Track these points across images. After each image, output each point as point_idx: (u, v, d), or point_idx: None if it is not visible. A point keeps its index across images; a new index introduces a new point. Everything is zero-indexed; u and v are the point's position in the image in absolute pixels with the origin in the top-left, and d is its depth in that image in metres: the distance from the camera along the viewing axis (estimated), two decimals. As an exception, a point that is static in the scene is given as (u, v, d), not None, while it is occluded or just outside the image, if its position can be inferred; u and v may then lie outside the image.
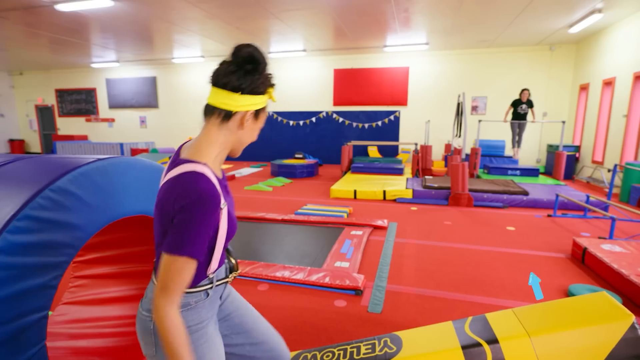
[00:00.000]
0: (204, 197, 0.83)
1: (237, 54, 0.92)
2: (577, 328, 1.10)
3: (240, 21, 6.98)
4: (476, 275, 2.92)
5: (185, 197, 0.82)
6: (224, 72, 0.92)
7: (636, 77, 6.17)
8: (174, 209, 0.83)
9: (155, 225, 0.92)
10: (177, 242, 0.82)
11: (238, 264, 1.08)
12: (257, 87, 0.93)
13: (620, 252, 2.95)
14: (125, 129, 12.92)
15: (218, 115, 0.93)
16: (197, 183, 0.84)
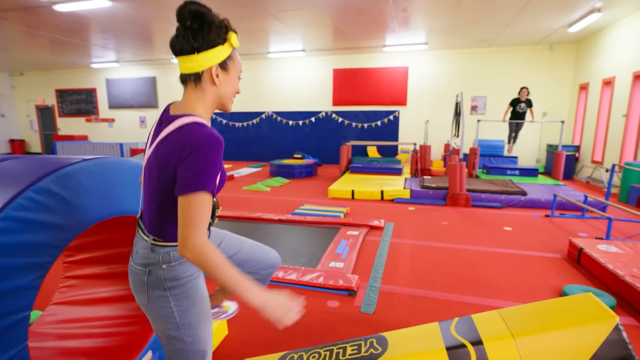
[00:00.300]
0: (213, 139, 0.89)
1: (179, 15, 0.91)
2: (561, 329, 1.09)
3: (239, 21, 6.98)
4: (471, 275, 2.91)
5: (195, 141, 0.88)
6: (176, 39, 0.93)
7: (635, 76, 6.14)
8: (182, 155, 0.88)
9: (149, 183, 0.97)
10: (195, 180, 0.86)
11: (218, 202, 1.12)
12: (211, 40, 0.93)
13: (616, 253, 2.94)
14: (125, 129, 12.95)
15: (190, 80, 0.97)
16: (203, 128, 0.90)
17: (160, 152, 0.93)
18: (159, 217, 0.98)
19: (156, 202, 0.97)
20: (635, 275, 2.50)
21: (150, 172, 0.97)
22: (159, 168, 0.93)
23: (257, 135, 11.36)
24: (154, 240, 0.99)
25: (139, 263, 1.00)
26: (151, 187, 0.97)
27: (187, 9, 0.90)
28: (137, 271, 1.00)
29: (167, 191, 0.93)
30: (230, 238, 1.30)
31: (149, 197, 0.99)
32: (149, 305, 1.00)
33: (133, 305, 1.78)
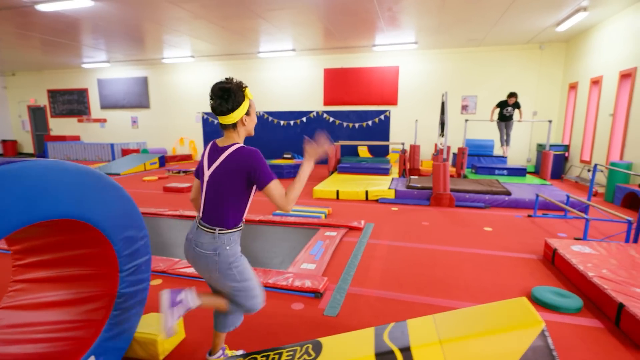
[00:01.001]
0: (258, 152, 1.46)
1: (213, 92, 1.46)
2: (488, 335, 1.06)
3: (225, 21, 6.95)
4: (443, 277, 2.88)
5: (253, 155, 1.43)
6: (216, 106, 1.45)
7: (622, 75, 6.12)
8: (248, 164, 1.42)
9: (217, 190, 1.47)
10: (269, 175, 1.42)
11: None
12: (237, 102, 1.45)
13: (589, 254, 2.91)
14: (117, 129, 12.90)
15: (230, 127, 1.50)
16: (248, 148, 1.46)
17: (226, 168, 1.45)
18: (224, 213, 1.47)
19: (224, 202, 1.46)
20: (603, 277, 2.47)
21: (217, 182, 1.47)
22: (229, 178, 1.44)
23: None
24: (219, 230, 1.47)
25: (209, 249, 1.47)
26: (221, 193, 1.46)
27: (217, 87, 1.45)
28: (209, 254, 1.47)
29: (235, 192, 1.46)
30: None
31: (216, 200, 1.47)
32: (220, 276, 1.49)
33: (79, 310, 1.75)
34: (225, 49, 9.65)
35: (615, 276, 2.48)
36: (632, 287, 2.32)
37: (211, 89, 1.47)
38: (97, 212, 1.62)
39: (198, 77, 11.51)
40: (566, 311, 2.33)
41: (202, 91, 11.57)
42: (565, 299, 2.42)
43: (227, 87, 1.44)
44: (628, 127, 5.90)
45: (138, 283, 1.88)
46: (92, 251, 1.72)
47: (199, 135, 11.95)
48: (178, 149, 12.23)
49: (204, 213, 1.51)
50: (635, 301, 2.14)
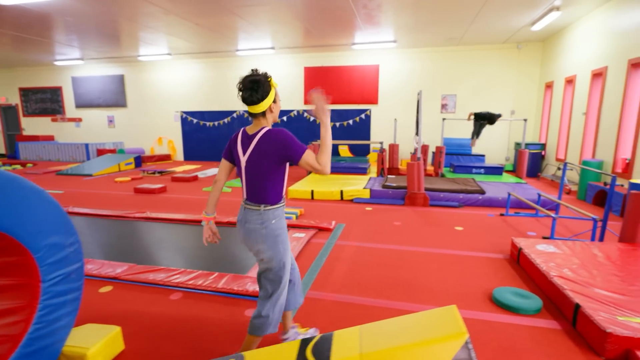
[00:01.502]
0: (286, 130, 1.60)
1: (244, 84, 1.57)
2: (410, 348, 0.98)
3: (198, 17, 6.77)
4: (407, 279, 2.81)
5: (282, 133, 1.57)
6: (247, 96, 1.56)
7: (594, 75, 6.18)
8: (279, 142, 1.56)
9: (257, 172, 1.60)
10: (300, 147, 1.56)
11: None
12: (265, 91, 1.57)
13: (553, 253, 2.88)
14: (93, 129, 12.53)
15: (259, 116, 1.62)
16: (276, 129, 1.59)
17: (259, 151, 1.59)
18: (266, 191, 1.62)
19: (267, 182, 1.60)
20: (564, 277, 2.43)
21: (254, 165, 1.60)
22: (265, 158, 1.58)
23: (228, 134, 11.13)
24: (264, 206, 1.62)
25: (256, 222, 1.62)
26: (260, 173, 1.60)
27: (248, 80, 1.56)
28: (257, 227, 1.62)
29: (273, 170, 1.60)
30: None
31: (259, 181, 1.61)
32: (267, 249, 1.63)
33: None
34: (203, 47, 9.44)
35: (575, 276, 2.45)
36: (591, 287, 2.28)
37: (242, 82, 1.58)
38: (10, 219, 1.48)
39: (176, 75, 11.26)
40: (525, 312, 2.28)
41: (181, 89, 11.33)
42: (524, 299, 2.38)
43: (257, 79, 1.56)
44: (599, 126, 5.97)
45: (66, 293, 1.75)
46: (7, 260, 1.58)
47: (177, 134, 11.70)
48: (156, 149, 11.95)
49: (247, 194, 1.67)
50: (592, 302, 2.10)
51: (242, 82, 1.57)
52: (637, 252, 2.90)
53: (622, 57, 5.39)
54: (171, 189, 6.72)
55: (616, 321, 1.90)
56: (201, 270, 2.85)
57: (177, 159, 11.89)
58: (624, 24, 5.39)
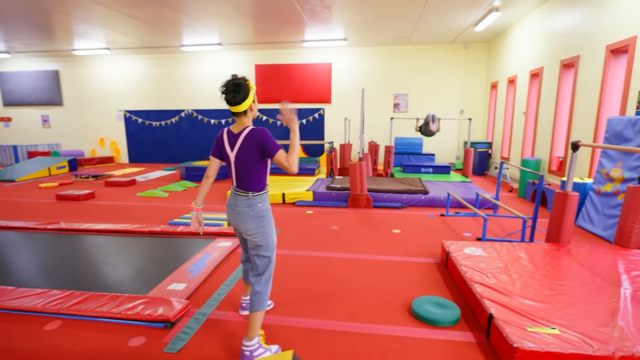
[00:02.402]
0: (266, 130, 1.81)
1: (227, 87, 1.78)
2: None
3: (127, 8, 6.23)
4: (327, 291, 2.59)
5: (263, 133, 1.79)
6: (231, 98, 1.78)
7: (532, 75, 6.34)
8: (261, 140, 1.78)
9: (245, 164, 1.82)
10: (275, 146, 1.78)
11: None
12: (246, 93, 1.79)
13: (479, 256, 2.78)
14: (25, 129, 11.44)
15: (241, 115, 1.83)
16: (259, 128, 1.81)
17: (246, 147, 1.80)
18: (252, 180, 1.83)
19: (254, 173, 1.82)
20: (483, 283, 2.31)
21: (242, 159, 1.82)
22: (253, 154, 1.79)
23: (176, 135, 10.54)
24: (252, 193, 1.84)
25: (245, 206, 1.84)
26: (249, 167, 1.81)
27: (231, 83, 1.77)
28: (245, 210, 1.84)
29: (257, 163, 1.81)
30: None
31: (247, 173, 1.82)
32: (253, 227, 1.85)
33: None
34: (144, 42, 8.83)
35: (496, 282, 2.33)
36: (509, 293, 2.17)
37: (225, 85, 1.78)
38: None
39: (118, 71, 10.50)
40: (442, 325, 2.13)
41: (123, 87, 10.58)
42: (442, 310, 2.23)
43: (238, 82, 1.77)
44: (537, 125, 6.12)
45: None
46: None
47: (121, 135, 10.92)
48: (98, 150, 11.11)
49: (237, 183, 1.88)
50: (506, 311, 1.97)
51: (225, 86, 1.78)
52: (559, 252, 2.86)
53: (555, 57, 5.54)
54: (101, 195, 6.16)
55: (525, 333, 1.77)
56: (92, 292, 2.47)
57: (122, 161, 11.12)
58: (556, 25, 5.54)
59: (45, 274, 2.90)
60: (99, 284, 2.69)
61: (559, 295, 2.17)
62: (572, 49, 5.05)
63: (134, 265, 3.05)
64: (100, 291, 2.54)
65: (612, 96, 4.34)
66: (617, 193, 3.72)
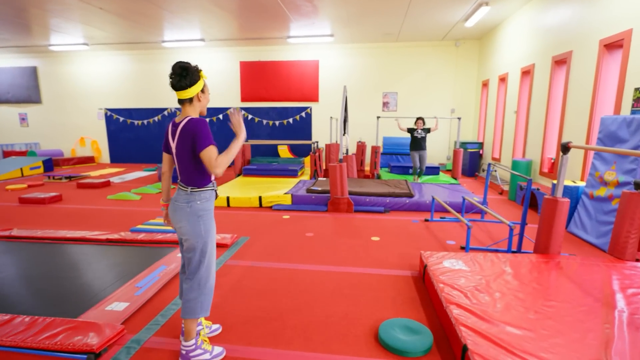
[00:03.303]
0: (203, 122, 1.67)
1: (173, 69, 1.66)
2: None
3: (98, 1, 5.88)
4: (286, 310, 2.29)
5: (198, 124, 1.65)
6: (175, 82, 1.66)
7: (523, 72, 6.09)
8: (194, 131, 1.63)
9: (184, 159, 1.69)
10: (206, 140, 1.63)
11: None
12: (194, 79, 1.67)
13: (459, 270, 2.49)
14: (2, 127, 11.02)
15: (186, 102, 1.71)
16: (199, 119, 1.68)
17: (182, 139, 1.67)
18: (191, 175, 1.73)
19: (191, 167, 1.71)
20: (460, 305, 2.02)
21: (180, 151, 1.70)
22: (188, 147, 1.66)
23: (159, 133, 10.18)
24: (191, 188, 1.74)
25: (183, 202, 1.73)
26: (186, 160, 1.69)
27: (177, 65, 1.67)
28: (183, 206, 1.73)
29: (195, 156, 1.68)
30: None
31: (185, 166, 1.71)
32: (189, 227, 1.72)
33: None
34: (123, 37, 8.47)
35: (475, 303, 2.04)
36: (488, 318, 1.88)
37: (172, 68, 1.67)
38: None
39: (97, 68, 10.12)
40: (411, 355, 1.84)
41: (104, 84, 10.21)
42: (412, 337, 1.94)
43: (186, 66, 1.65)
44: (529, 124, 5.87)
45: None
46: None
47: (102, 134, 10.55)
48: (78, 150, 10.73)
49: (180, 176, 1.77)
50: (482, 341, 1.68)
51: (172, 68, 1.66)
52: (548, 265, 2.59)
53: (547, 54, 5.28)
54: (70, 197, 5.81)
55: (503, 373, 1.48)
56: (11, 314, 2.15)
57: (103, 161, 10.74)
58: (548, 21, 5.28)
59: (-27, 291, 2.57)
60: (26, 304, 2.37)
61: (546, 319, 1.88)
62: (564, 45, 4.79)
63: (78, 280, 2.73)
64: (26, 312, 2.23)
65: (606, 94, 4.08)
66: (611, 198, 3.46)
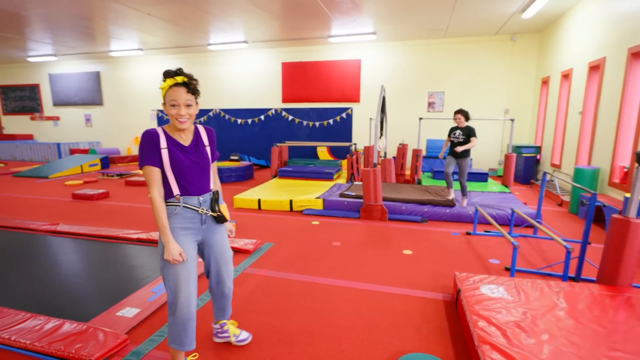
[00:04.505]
0: (143, 136, 1.53)
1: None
2: None
3: (147, 7, 6.14)
4: (295, 331, 2.10)
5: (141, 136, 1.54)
6: None
7: (591, 67, 5.33)
8: None
9: None
10: (140, 161, 1.53)
11: (222, 212, 1.69)
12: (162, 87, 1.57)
13: (499, 299, 2.13)
14: (70, 128, 12.11)
15: None
16: (144, 131, 1.54)
17: None
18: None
19: None
20: (496, 346, 1.68)
21: None
22: None
23: (204, 134, 10.52)
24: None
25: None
26: None
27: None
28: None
29: None
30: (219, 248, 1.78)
31: None
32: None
33: None
34: (172, 41, 8.85)
35: (516, 344, 1.70)
36: (529, 368, 1.54)
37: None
38: None
39: (150, 72, 10.72)
40: (430, 403, 1.55)
41: (156, 87, 10.78)
42: (433, 381, 1.65)
43: (166, 72, 1.56)
44: (596, 127, 5.12)
45: None
46: None
47: (154, 134, 11.15)
48: (133, 149, 11.45)
49: None
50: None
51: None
52: (615, 301, 2.13)
53: (621, 46, 4.54)
54: (116, 194, 6.13)
55: None
56: (31, 313, 2.19)
57: (154, 159, 11.36)
58: (623, 7, 4.54)
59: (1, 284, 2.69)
60: (47, 302, 2.42)
61: (607, 377, 1.50)
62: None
63: (100, 280, 2.77)
64: (45, 310, 2.27)
65: (699, 91, 3.37)
66: (703, 219, 2.81)
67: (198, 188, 1.61)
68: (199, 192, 1.62)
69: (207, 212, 1.64)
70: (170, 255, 1.50)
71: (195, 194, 1.60)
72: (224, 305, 1.90)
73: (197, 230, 1.64)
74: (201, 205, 1.62)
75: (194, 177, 1.59)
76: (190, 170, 1.57)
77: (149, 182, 1.50)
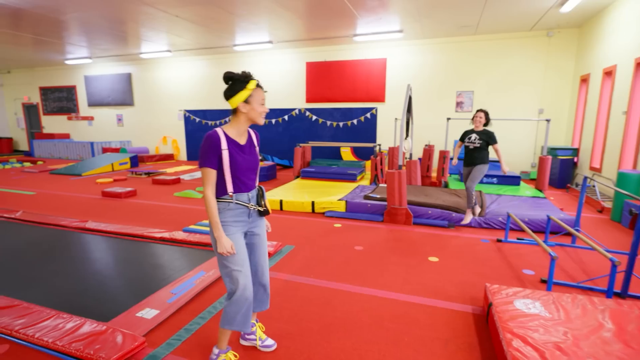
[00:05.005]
0: (206, 138, 1.61)
1: (223, 79, 1.68)
2: None
3: (173, 8, 6.25)
4: (310, 343, 2.02)
5: (203, 139, 1.62)
6: (224, 92, 1.68)
7: (637, 64, 4.93)
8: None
9: None
10: (200, 162, 1.62)
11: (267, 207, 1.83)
12: (235, 89, 1.64)
13: (536, 316, 1.96)
14: (104, 127, 12.60)
15: (232, 112, 1.71)
16: (207, 133, 1.62)
17: None
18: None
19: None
20: (533, 370, 1.53)
21: None
22: None
23: (229, 134, 10.67)
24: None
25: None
26: None
27: (224, 75, 1.66)
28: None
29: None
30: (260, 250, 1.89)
31: None
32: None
33: None
34: (199, 42, 9.01)
35: (553, 369, 1.54)
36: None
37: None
38: None
39: (178, 72, 10.97)
40: None
41: (183, 88, 11.03)
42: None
43: (230, 75, 1.65)
44: (644, 128, 4.73)
45: None
46: None
47: (181, 134, 11.42)
48: (162, 148, 11.77)
49: None
50: None
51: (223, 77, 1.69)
52: (670, 323, 1.90)
53: (675, 39, 4.16)
54: (143, 193, 6.28)
55: None
56: (55, 310, 2.23)
57: (181, 158, 11.64)
58: (678, -4, 4.15)
59: (28, 280, 2.77)
60: (70, 299, 2.46)
61: (666, 414, 1.32)
62: (703, 26, 3.70)
63: (121, 279, 2.80)
64: (70, 308, 2.30)
65: None
66: None
67: (248, 185, 1.72)
68: (248, 189, 1.73)
69: (255, 207, 1.75)
70: (223, 249, 1.62)
71: (245, 190, 1.71)
72: (261, 296, 1.93)
73: (245, 223, 1.74)
74: (250, 201, 1.73)
75: (247, 175, 1.70)
76: (245, 169, 1.68)
77: (204, 181, 1.62)
